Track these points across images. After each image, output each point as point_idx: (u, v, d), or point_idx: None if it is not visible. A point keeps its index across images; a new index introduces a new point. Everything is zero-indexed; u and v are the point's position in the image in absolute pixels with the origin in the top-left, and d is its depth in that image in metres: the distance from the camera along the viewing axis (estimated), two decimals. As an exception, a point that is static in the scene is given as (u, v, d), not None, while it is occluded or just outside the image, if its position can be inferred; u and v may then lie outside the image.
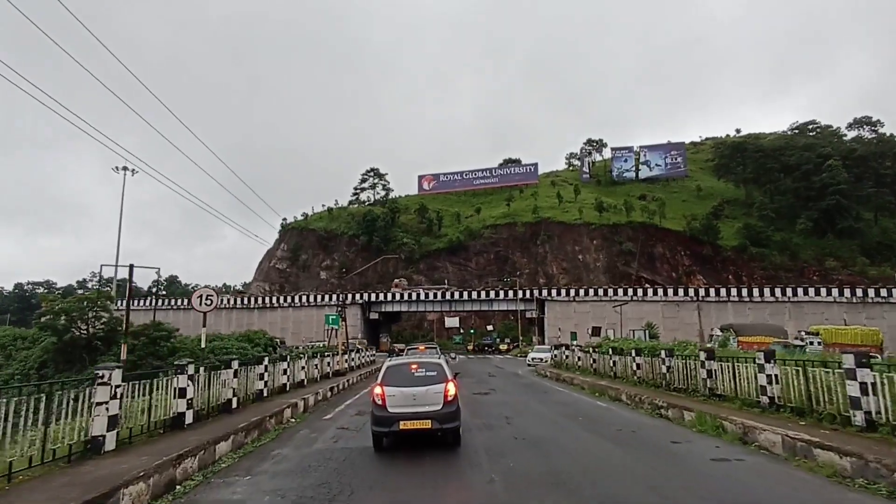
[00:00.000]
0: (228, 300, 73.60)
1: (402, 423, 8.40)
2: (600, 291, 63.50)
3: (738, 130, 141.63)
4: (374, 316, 70.50)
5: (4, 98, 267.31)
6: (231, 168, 26.93)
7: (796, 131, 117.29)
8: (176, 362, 10.31)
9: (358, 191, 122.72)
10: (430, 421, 8.42)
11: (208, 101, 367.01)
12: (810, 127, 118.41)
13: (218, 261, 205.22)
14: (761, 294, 59.35)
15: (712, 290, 61.03)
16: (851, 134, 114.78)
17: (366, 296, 70.17)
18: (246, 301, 73.37)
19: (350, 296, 70.97)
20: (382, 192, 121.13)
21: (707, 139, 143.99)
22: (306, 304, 71.17)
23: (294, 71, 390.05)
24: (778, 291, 58.93)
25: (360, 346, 48.71)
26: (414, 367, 9.10)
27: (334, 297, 71.00)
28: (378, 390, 8.73)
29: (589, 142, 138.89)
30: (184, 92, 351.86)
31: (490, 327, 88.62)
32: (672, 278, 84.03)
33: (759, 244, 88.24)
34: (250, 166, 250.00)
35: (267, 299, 73.10)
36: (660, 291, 62.03)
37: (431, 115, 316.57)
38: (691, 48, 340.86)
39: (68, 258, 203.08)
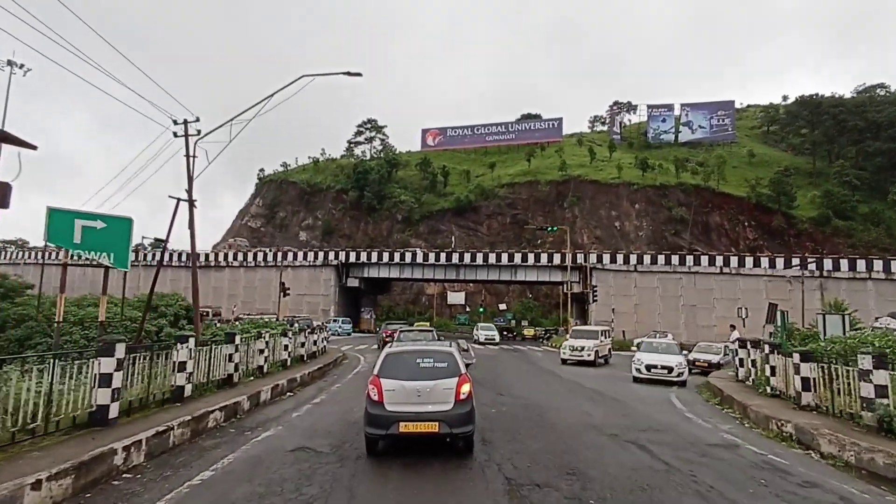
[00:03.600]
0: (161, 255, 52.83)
1: (402, 424, 6.34)
2: (674, 259, 42.44)
3: (784, 98, 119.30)
4: (353, 283, 49.60)
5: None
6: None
7: (863, 94, 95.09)
8: None
9: (352, 144, 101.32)
10: (437, 423, 6.34)
11: (196, 44, 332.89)
12: (879, 92, 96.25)
13: (214, 227, 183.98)
14: (921, 270, 38.27)
15: (843, 263, 39.92)
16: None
17: (342, 255, 49.19)
18: (185, 258, 52.52)
19: (322, 254, 50.10)
20: (380, 147, 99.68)
21: (749, 106, 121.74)
22: (263, 263, 50.28)
23: (290, 15, 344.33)
24: (949, 266, 37.87)
25: (310, 323, 28.01)
26: (419, 356, 6.93)
27: (309, 254, 50.36)
28: (374, 383, 6.62)
29: (616, 104, 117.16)
30: (170, 34, 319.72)
31: (503, 306, 68.05)
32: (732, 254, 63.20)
33: (843, 216, 67.18)
34: (229, 107, 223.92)
35: (212, 256, 52.19)
36: (763, 262, 40.93)
37: (441, 75, 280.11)
38: (734, 10, 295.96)
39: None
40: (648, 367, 16.24)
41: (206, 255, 52.38)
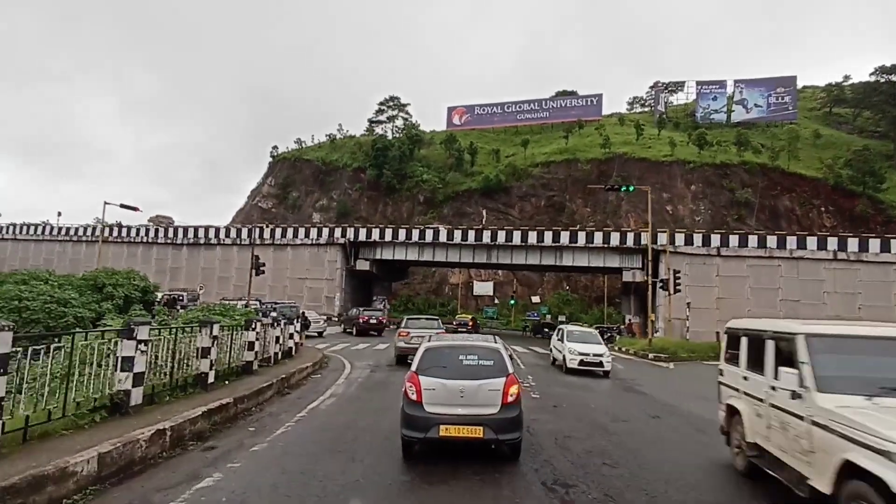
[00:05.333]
0: (147, 231, 45.11)
1: (443, 427, 5.47)
2: (770, 241, 32.45)
3: (846, 77, 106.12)
4: (363, 266, 40.82)
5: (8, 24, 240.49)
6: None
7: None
8: None
9: (373, 123, 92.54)
10: (481, 428, 5.44)
11: (209, 13, 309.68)
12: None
13: (227, 208, 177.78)
14: None
15: None
16: None
17: (350, 232, 40.44)
18: (171, 234, 44.58)
19: (327, 231, 41.52)
20: (402, 127, 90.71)
21: (806, 87, 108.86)
22: (259, 241, 41.86)
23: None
24: None
25: (294, 311, 19.64)
26: (462, 352, 6.01)
27: (312, 231, 41.89)
28: (412, 381, 5.74)
29: (659, 83, 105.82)
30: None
31: (536, 298, 58.76)
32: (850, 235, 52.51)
33: (941, 201, 55.84)
34: (253, 91, 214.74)
35: (202, 232, 44.02)
36: (894, 245, 30.63)
37: (468, 52, 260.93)
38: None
39: (87, 203, 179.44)
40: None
41: (196, 231, 44.29)
